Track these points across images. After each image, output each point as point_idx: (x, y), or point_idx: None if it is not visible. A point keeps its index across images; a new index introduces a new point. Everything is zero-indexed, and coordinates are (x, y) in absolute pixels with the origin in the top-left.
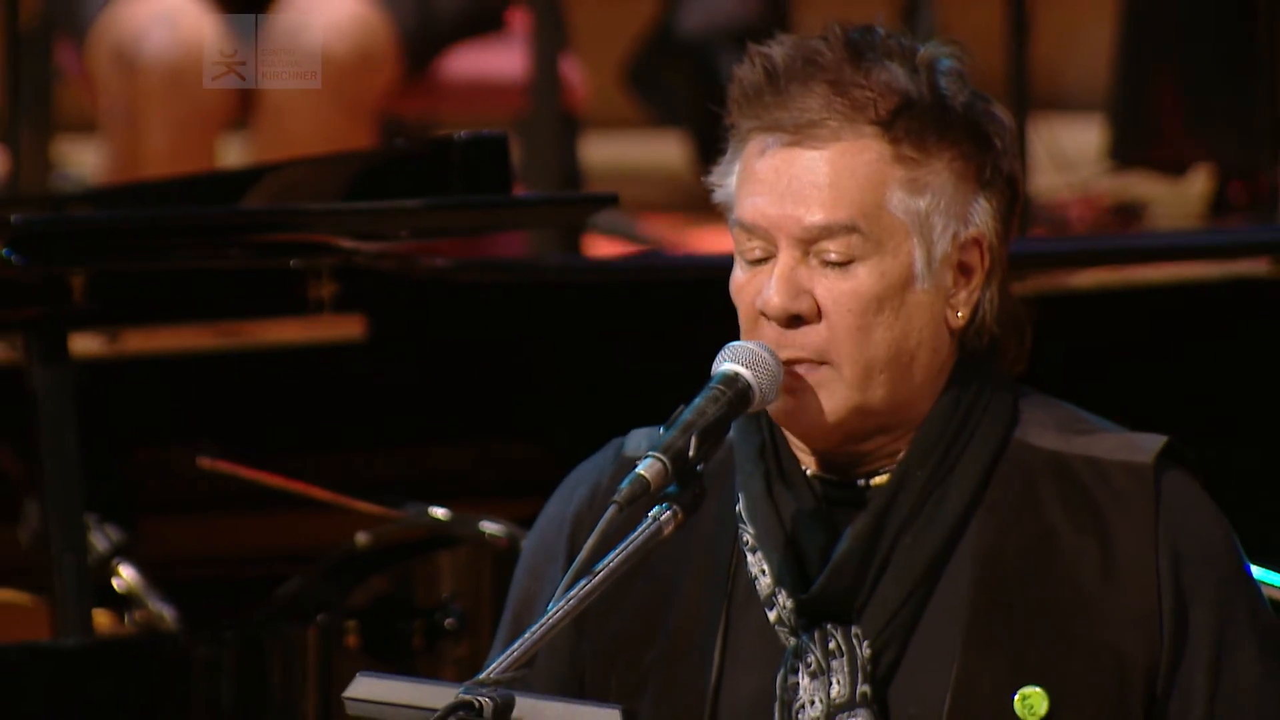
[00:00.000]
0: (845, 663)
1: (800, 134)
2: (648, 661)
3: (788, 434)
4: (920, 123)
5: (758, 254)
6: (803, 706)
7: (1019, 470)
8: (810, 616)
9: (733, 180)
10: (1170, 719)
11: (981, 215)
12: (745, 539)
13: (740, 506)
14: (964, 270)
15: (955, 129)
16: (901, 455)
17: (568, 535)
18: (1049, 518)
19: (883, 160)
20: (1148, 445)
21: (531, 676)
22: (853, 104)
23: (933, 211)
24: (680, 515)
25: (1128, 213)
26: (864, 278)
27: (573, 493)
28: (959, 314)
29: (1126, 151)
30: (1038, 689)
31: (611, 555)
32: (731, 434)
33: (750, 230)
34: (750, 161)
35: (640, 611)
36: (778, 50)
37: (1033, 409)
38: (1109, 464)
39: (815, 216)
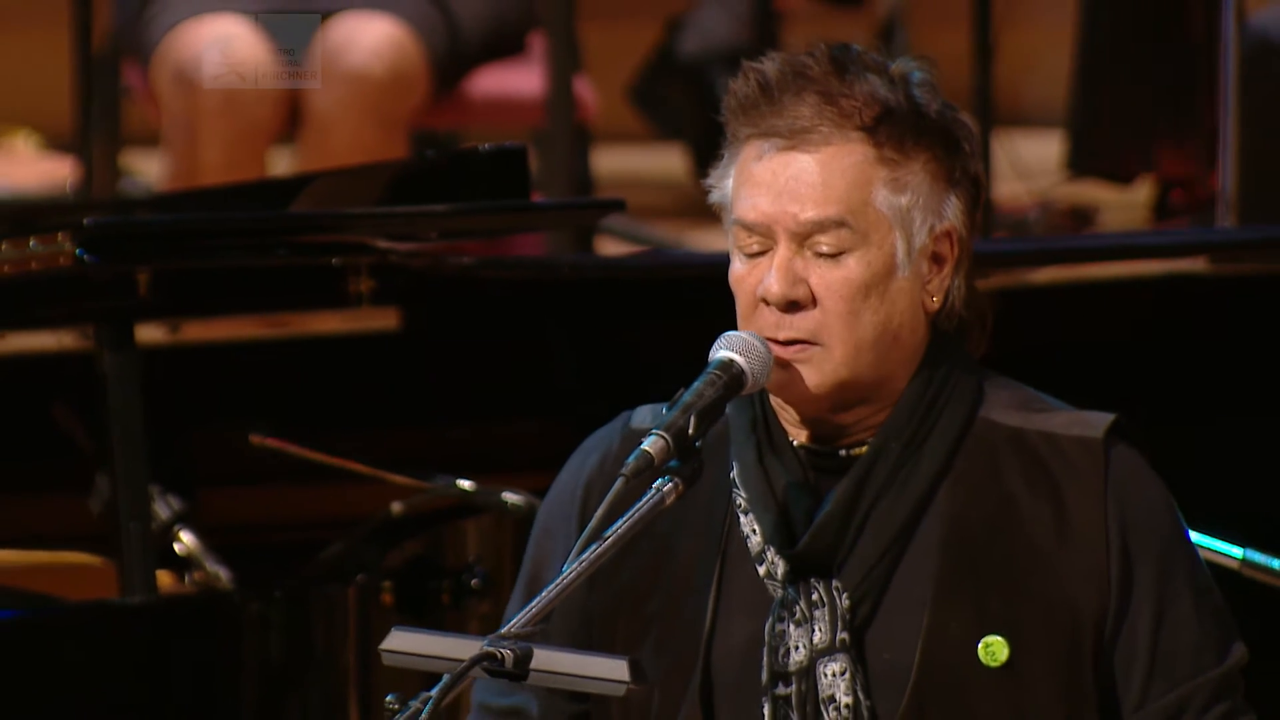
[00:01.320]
0: (826, 612)
1: (794, 139)
2: (649, 611)
3: (777, 408)
4: (900, 128)
5: (755, 248)
6: (788, 651)
7: (983, 444)
8: (796, 571)
9: (729, 182)
10: (1117, 664)
11: (952, 210)
12: (739, 502)
13: (734, 474)
14: (937, 259)
15: (930, 134)
16: (878, 430)
17: (580, 499)
18: (1009, 486)
19: (868, 162)
20: (1098, 422)
21: (549, 629)
22: (840, 112)
23: (912, 207)
24: (681, 487)
25: (1081, 217)
26: (853, 267)
27: (584, 461)
28: (934, 299)
29: (1081, 162)
30: (999, 637)
31: (619, 522)
32: (728, 409)
33: (750, 227)
34: (748, 164)
35: (643, 567)
36: (769, 65)
37: (996, 390)
38: (1063, 438)
39: (809, 213)
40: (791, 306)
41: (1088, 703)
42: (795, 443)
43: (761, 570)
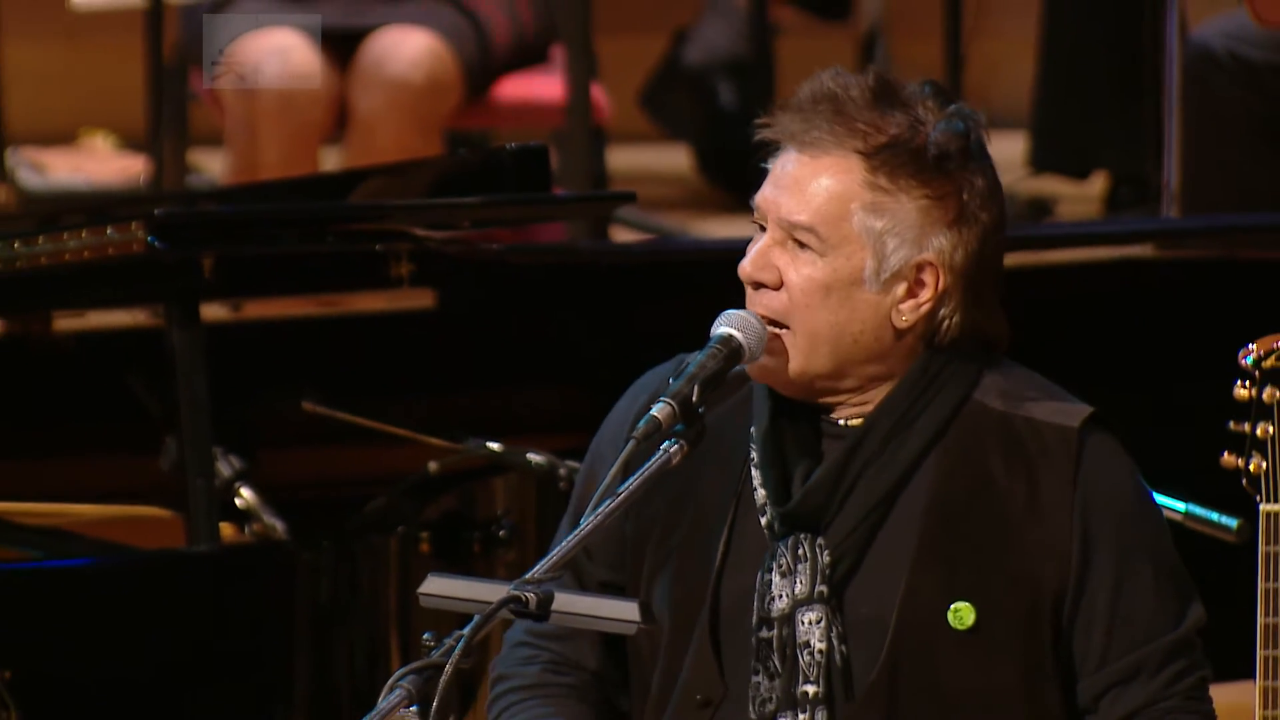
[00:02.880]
0: (808, 566)
1: (803, 144)
2: (672, 544)
3: None
4: (898, 163)
5: (760, 227)
6: (773, 599)
7: (971, 425)
8: (788, 526)
9: None
10: (1076, 633)
11: (939, 246)
12: (753, 457)
13: (754, 430)
14: (917, 285)
15: (929, 176)
16: (876, 405)
17: (630, 430)
18: (989, 465)
19: (855, 182)
20: (1077, 412)
21: (592, 558)
22: (849, 132)
23: (886, 233)
24: (685, 448)
25: (1041, 208)
26: (819, 267)
27: (637, 397)
28: (904, 319)
29: (1042, 159)
30: (967, 603)
31: (631, 480)
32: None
33: (755, 207)
34: (776, 158)
35: (670, 503)
36: (818, 80)
37: (995, 377)
38: (1043, 425)
39: (786, 211)
40: (758, 286)
41: (1045, 670)
42: (807, 411)
43: (763, 522)
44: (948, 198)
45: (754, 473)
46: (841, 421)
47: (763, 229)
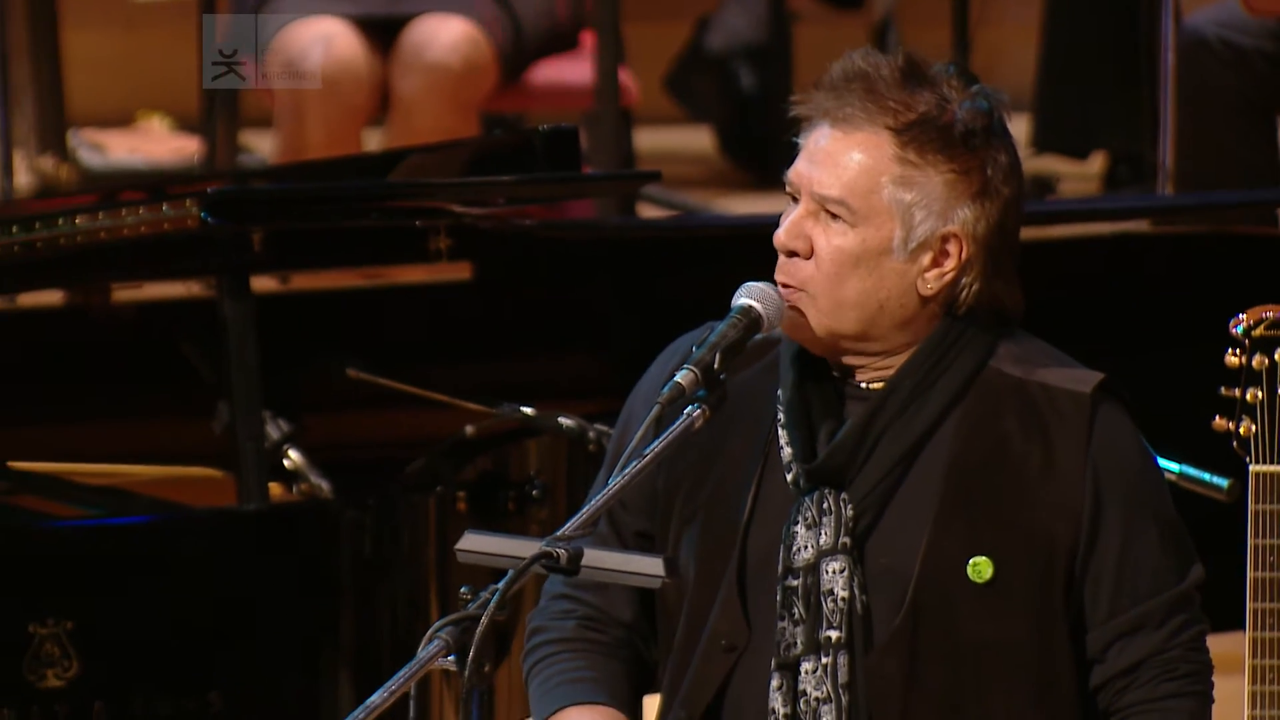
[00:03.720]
0: (833, 519)
1: (837, 120)
2: (701, 498)
3: None
4: (926, 139)
5: (793, 199)
6: (799, 549)
7: (988, 390)
8: (814, 482)
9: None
10: (1086, 588)
11: (964, 218)
12: (780, 417)
13: (780, 392)
14: (942, 255)
15: (955, 151)
16: (897, 369)
17: (662, 387)
18: (1006, 427)
19: (885, 157)
20: (1089, 379)
21: (628, 509)
22: (880, 109)
23: (915, 205)
24: (707, 412)
25: (1044, 186)
26: (849, 238)
27: (670, 359)
28: (929, 287)
29: (1044, 140)
30: (985, 558)
31: (656, 441)
32: (781, 342)
33: (789, 181)
34: (807, 134)
35: (700, 459)
36: (849, 59)
37: (1010, 346)
38: (1057, 390)
39: (819, 185)
40: (791, 255)
41: (1057, 622)
42: (833, 373)
43: (789, 478)
44: (972, 172)
45: (780, 432)
46: (864, 384)
47: (795, 201)
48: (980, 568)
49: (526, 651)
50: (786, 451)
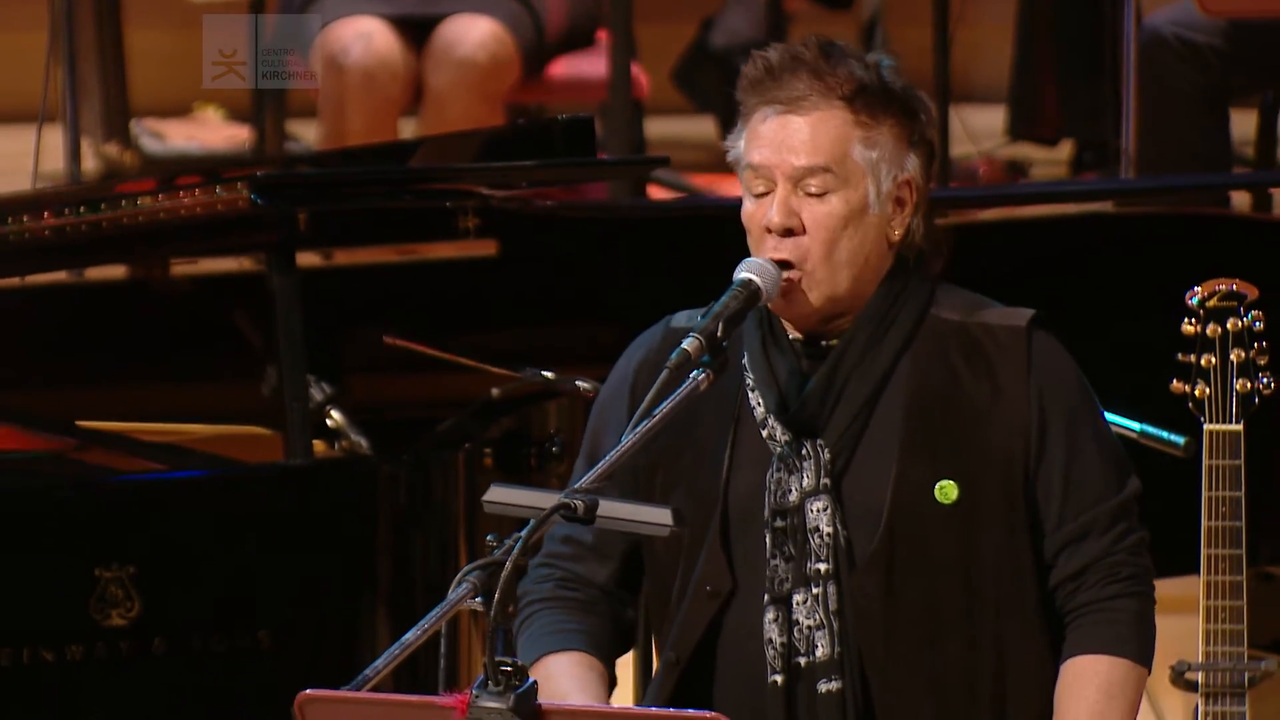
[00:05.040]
0: (812, 464)
1: (791, 105)
2: (682, 464)
3: (776, 312)
4: (871, 100)
5: (761, 189)
6: (785, 493)
7: (934, 334)
8: (791, 432)
9: (742, 143)
10: (1039, 497)
11: (911, 164)
12: (748, 381)
13: (745, 360)
14: (899, 202)
15: (895, 106)
16: (850, 325)
17: (630, 383)
18: (955, 364)
19: (846, 124)
20: (1023, 315)
21: (613, 483)
22: (826, 86)
23: (880, 160)
24: (712, 376)
25: (1018, 170)
26: (836, 204)
27: (633, 355)
28: (896, 232)
29: (1017, 129)
30: (950, 481)
31: (665, 403)
32: None
33: (757, 170)
34: (756, 126)
35: (676, 432)
36: (771, 53)
37: (945, 295)
38: (996, 327)
39: (802, 160)
40: (788, 233)
41: (1019, 530)
42: (790, 337)
43: (765, 433)
44: (909, 122)
45: (749, 395)
46: (823, 343)
47: (760, 194)
48: (946, 490)
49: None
50: (759, 410)
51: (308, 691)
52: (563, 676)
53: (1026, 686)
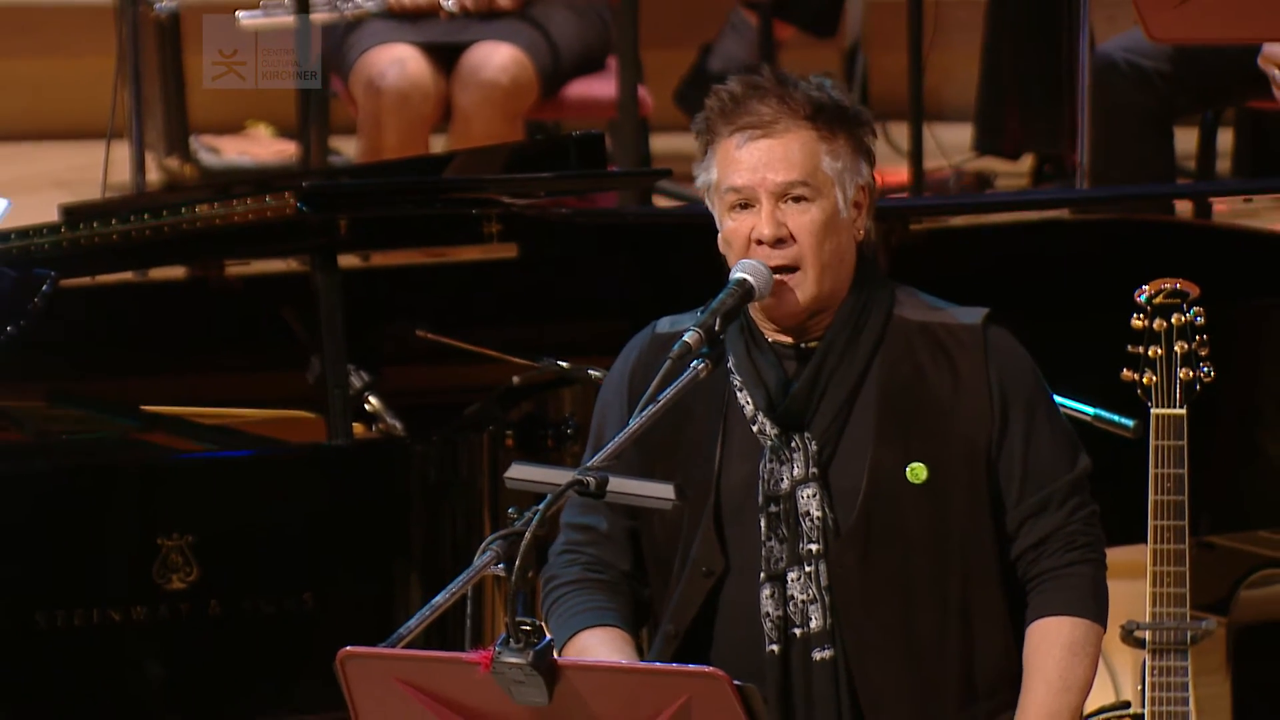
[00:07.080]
0: (801, 455)
1: (763, 129)
2: (676, 459)
3: (756, 318)
4: (829, 118)
5: (740, 205)
6: (777, 482)
7: (900, 335)
8: (780, 426)
9: (714, 170)
10: (1001, 478)
11: (865, 171)
12: (735, 383)
13: (731, 364)
14: (858, 205)
15: (848, 120)
16: (826, 330)
17: (626, 381)
18: (920, 361)
19: (812, 140)
20: (978, 313)
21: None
22: (790, 109)
23: (844, 170)
24: (710, 366)
25: (984, 181)
26: (815, 212)
27: (628, 356)
28: (860, 231)
29: (984, 144)
30: (920, 463)
31: (668, 390)
32: None
33: (739, 190)
34: (730, 151)
35: (669, 429)
36: (732, 84)
37: (904, 296)
38: (955, 325)
39: (782, 176)
40: (779, 243)
41: (983, 506)
42: (771, 340)
43: (755, 429)
44: (857, 134)
45: (737, 395)
46: (802, 345)
47: (744, 207)
48: (917, 471)
49: (543, 598)
50: (749, 408)
51: (348, 648)
52: (600, 648)
53: (990, 647)
